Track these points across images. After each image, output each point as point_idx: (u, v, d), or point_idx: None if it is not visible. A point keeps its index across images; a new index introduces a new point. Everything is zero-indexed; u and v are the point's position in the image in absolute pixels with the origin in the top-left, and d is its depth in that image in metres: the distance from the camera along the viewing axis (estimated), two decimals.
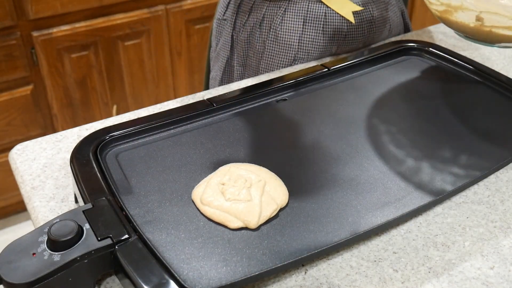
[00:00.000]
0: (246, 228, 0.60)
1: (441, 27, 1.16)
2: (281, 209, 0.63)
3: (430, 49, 0.96)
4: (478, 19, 0.75)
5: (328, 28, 1.00)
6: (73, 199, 0.68)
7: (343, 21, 1.00)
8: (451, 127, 0.78)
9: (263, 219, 0.60)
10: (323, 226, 0.60)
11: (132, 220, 0.59)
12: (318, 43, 1.02)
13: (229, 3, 1.08)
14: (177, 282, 0.52)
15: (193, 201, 0.63)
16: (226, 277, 0.54)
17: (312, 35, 1.01)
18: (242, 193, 0.62)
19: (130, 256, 0.53)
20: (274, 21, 1.01)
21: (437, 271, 0.59)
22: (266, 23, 1.02)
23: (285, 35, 1.02)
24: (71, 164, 0.67)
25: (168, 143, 0.73)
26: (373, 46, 1.04)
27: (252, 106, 0.81)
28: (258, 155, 0.71)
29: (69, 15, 1.72)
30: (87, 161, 0.67)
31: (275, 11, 1.01)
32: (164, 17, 1.89)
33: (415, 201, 0.64)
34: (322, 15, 0.99)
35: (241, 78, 1.09)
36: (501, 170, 0.73)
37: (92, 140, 0.71)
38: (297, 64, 1.03)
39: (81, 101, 1.87)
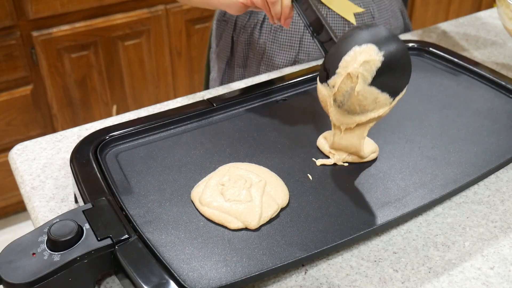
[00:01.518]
0: (246, 228, 0.60)
1: (441, 27, 1.16)
2: (281, 209, 0.63)
3: (430, 49, 0.96)
4: None
5: None
6: (73, 199, 0.68)
7: (344, 22, 1.00)
8: (451, 127, 0.78)
9: (263, 220, 0.60)
10: (323, 226, 0.60)
11: (132, 220, 0.59)
12: None
13: None
14: (177, 282, 0.52)
15: (192, 202, 0.63)
16: (226, 277, 0.54)
17: None
18: (242, 194, 0.62)
19: (130, 256, 0.53)
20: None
21: (437, 271, 0.59)
22: (266, 25, 1.02)
23: (286, 36, 1.02)
24: (71, 164, 0.67)
25: (168, 143, 0.73)
26: None
27: (252, 106, 0.81)
28: (258, 155, 0.71)
29: (69, 15, 1.72)
30: (87, 161, 0.67)
31: None
32: (164, 17, 1.89)
33: (415, 201, 0.64)
34: None
35: (241, 79, 1.09)
36: (501, 170, 0.73)
37: (92, 140, 0.71)
38: (297, 65, 1.03)
39: (81, 101, 1.87)
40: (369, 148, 0.71)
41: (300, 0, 0.75)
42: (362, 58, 0.62)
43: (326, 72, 0.66)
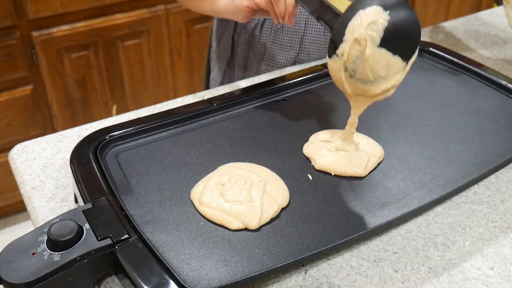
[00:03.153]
0: (246, 229, 0.60)
1: (441, 27, 1.16)
2: (282, 209, 0.63)
3: (430, 49, 0.96)
4: None
5: None
6: (73, 199, 0.68)
7: None
8: (451, 127, 0.78)
9: (264, 221, 0.60)
10: (323, 226, 0.60)
11: (132, 220, 0.59)
12: (320, 45, 1.02)
13: None
14: (177, 282, 0.52)
15: (191, 201, 0.63)
16: (226, 277, 0.54)
17: (313, 37, 1.01)
18: (242, 194, 0.62)
19: (130, 256, 0.53)
20: (275, 23, 1.01)
21: (437, 271, 0.59)
22: (267, 25, 1.02)
23: (287, 36, 1.02)
24: (71, 164, 0.67)
25: (168, 143, 0.73)
26: None
27: (252, 106, 0.81)
28: (258, 155, 0.71)
29: (69, 15, 1.72)
30: (87, 161, 0.67)
31: None
32: (164, 17, 1.89)
33: (415, 201, 0.64)
34: None
35: (242, 79, 1.09)
36: (501, 170, 0.73)
37: (92, 140, 0.71)
38: (297, 65, 1.03)
39: (81, 101, 1.87)
40: (375, 153, 0.70)
41: None
42: (368, 20, 0.60)
43: (333, 44, 0.63)
